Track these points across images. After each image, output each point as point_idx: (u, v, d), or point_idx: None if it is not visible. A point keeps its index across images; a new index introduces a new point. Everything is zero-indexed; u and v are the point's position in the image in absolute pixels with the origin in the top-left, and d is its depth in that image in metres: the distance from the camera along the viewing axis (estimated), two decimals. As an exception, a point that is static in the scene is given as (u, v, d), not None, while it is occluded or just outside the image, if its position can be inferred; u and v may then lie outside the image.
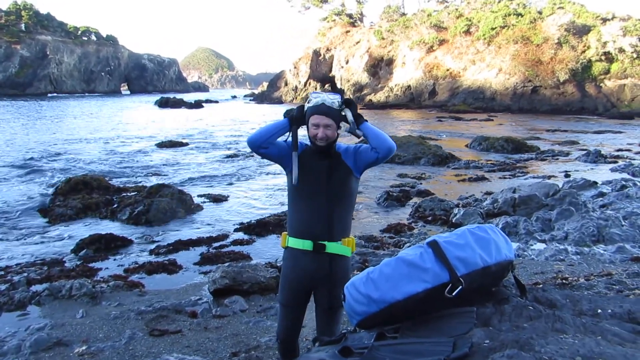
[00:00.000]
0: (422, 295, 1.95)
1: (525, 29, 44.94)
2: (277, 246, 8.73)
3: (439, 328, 1.95)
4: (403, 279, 1.99)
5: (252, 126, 31.57)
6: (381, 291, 2.02)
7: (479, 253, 2.01)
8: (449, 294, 1.91)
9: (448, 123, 33.22)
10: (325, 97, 2.70)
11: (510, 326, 1.88)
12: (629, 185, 11.90)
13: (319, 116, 2.66)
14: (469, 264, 1.97)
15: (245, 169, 16.49)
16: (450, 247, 2.01)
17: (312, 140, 2.74)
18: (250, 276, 6.15)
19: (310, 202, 2.75)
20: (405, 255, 2.07)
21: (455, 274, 1.92)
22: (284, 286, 2.87)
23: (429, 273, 1.95)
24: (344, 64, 58.30)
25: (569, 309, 2.03)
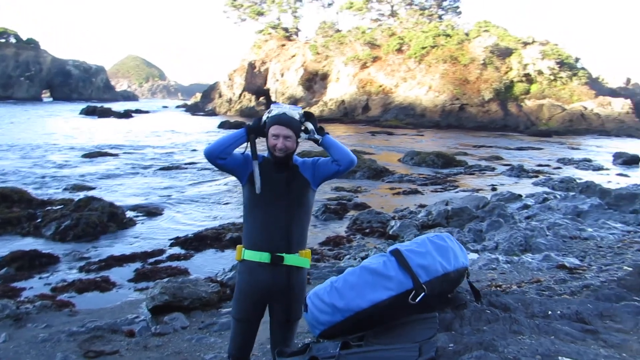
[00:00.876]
0: (386, 302, 1.98)
1: (454, 49, 47.04)
2: (217, 260, 8.57)
3: (403, 334, 1.99)
4: (367, 287, 2.02)
5: (186, 138, 30.92)
6: (346, 300, 2.03)
7: (439, 260, 2.07)
8: (412, 301, 1.95)
9: (381, 138, 34.00)
10: (287, 109, 2.71)
11: (471, 330, 1.94)
12: (550, 197, 12.67)
13: (279, 127, 2.65)
14: (430, 271, 2.02)
15: (179, 182, 16.10)
16: (412, 255, 2.06)
17: (271, 150, 2.72)
18: (191, 291, 5.98)
19: (268, 213, 2.71)
20: (368, 264, 2.10)
21: (418, 281, 1.97)
22: (239, 300, 2.80)
23: (393, 281, 1.99)
24: (279, 77, 58.44)
25: (522, 312, 2.12)
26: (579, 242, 8.32)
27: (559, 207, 11.19)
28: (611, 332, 1.92)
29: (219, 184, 15.84)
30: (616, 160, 22.57)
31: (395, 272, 2.00)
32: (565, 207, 10.99)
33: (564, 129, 40.92)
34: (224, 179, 16.62)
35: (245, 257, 2.74)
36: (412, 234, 9.47)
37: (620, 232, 8.87)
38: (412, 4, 60.16)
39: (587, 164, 21.47)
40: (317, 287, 2.26)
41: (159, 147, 25.32)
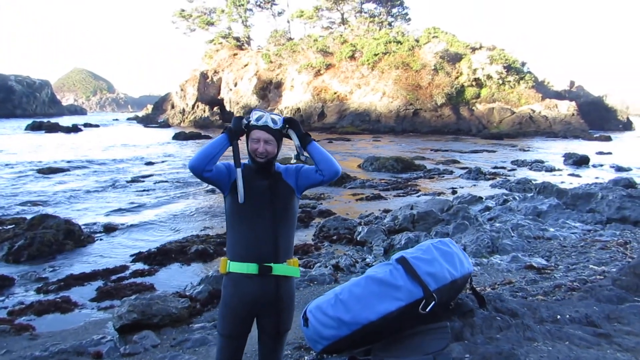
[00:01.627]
0: (396, 313, 1.90)
1: (405, 55, 47.89)
2: (183, 274, 8.30)
3: (413, 346, 1.91)
4: (375, 298, 1.93)
5: (140, 151, 30.09)
6: (353, 313, 1.94)
7: (446, 267, 2.01)
8: (423, 310, 1.87)
9: (338, 144, 34.14)
10: (267, 114, 2.64)
11: (484, 338, 1.88)
12: (510, 199, 12.97)
13: (259, 131, 2.59)
14: (438, 279, 1.96)
15: (136, 196, 15.61)
16: (419, 262, 1.98)
17: (252, 155, 2.63)
18: (161, 308, 5.75)
19: (254, 223, 2.59)
20: (374, 274, 2.01)
21: (428, 290, 1.90)
22: (225, 315, 2.65)
23: (402, 290, 1.91)
24: (232, 87, 57.99)
25: (530, 317, 2.08)
26: (543, 242, 8.52)
27: (519, 208, 11.45)
28: (623, 335, 1.90)
29: (179, 196, 15.46)
30: (567, 160, 23.39)
31: (403, 282, 1.92)
32: (525, 207, 11.25)
33: (514, 132, 42.24)
34: (181, 191, 16.24)
35: (230, 270, 2.61)
36: (380, 240, 9.47)
37: (581, 231, 9.14)
38: (362, 12, 61.02)
39: (540, 165, 22.15)
40: (318, 299, 2.15)
41: (112, 161, 24.50)
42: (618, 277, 2.72)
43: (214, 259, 9.05)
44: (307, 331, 2.13)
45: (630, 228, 9.22)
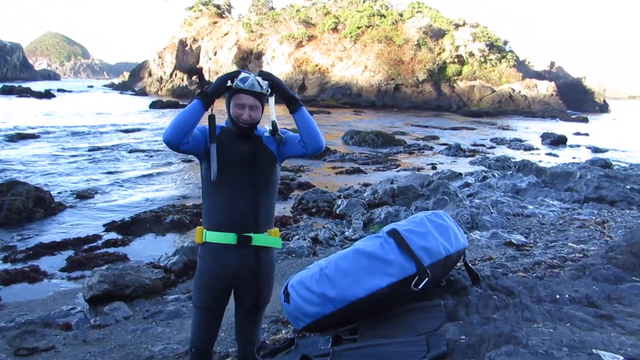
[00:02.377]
0: (386, 290, 1.75)
1: (388, 29, 47.39)
2: (157, 245, 8.10)
3: (403, 325, 1.76)
4: (364, 273, 1.78)
5: (116, 118, 29.33)
6: (339, 288, 1.78)
7: (441, 242, 1.86)
8: (416, 287, 1.73)
9: (319, 117, 33.83)
10: (254, 76, 2.42)
11: (480, 319, 1.75)
12: (489, 176, 12.97)
13: (245, 95, 2.38)
14: (432, 254, 1.81)
15: (110, 162, 15.22)
16: (412, 236, 1.83)
17: (233, 120, 2.43)
18: (133, 279, 5.56)
19: (233, 190, 2.42)
20: (363, 247, 1.85)
21: (422, 265, 1.75)
22: (201, 287, 2.48)
23: (394, 265, 1.76)
24: (212, 56, 56.85)
25: (527, 296, 1.96)
26: (522, 219, 8.52)
27: (498, 185, 11.45)
28: (626, 318, 1.79)
29: (154, 165, 15.12)
30: (545, 140, 23.57)
31: (395, 256, 1.77)
32: (504, 185, 11.26)
33: (493, 110, 42.41)
34: (157, 160, 15.88)
35: (207, 240, 2.45)
36: (359, 213, 9.37)
37: (559, 210, 9.17)
38: (347, -17, 59.98)
39: (519, 143, 22.28)
40: (301, 273, 1.99)
41: (86, 128, 23.83)
42: (614, 255, 2.62)
43: (189, 229, 8.85)
44: (288, 307, 1.97)
45: (607, 207, 9.29)
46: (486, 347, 1.52)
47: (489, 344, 1.52)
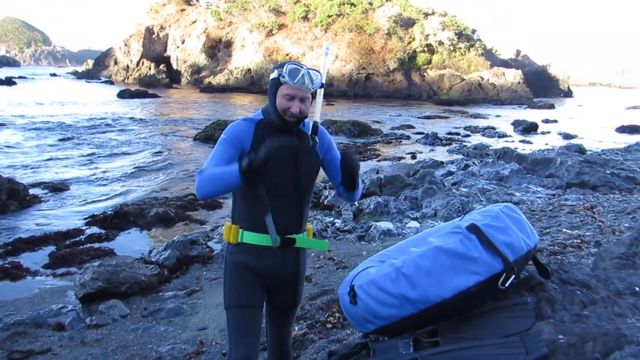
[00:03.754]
0: (473, 289, 1.64)
1: (359, 18, 47.26)
2: (144, 239, 7.86)
3: (488, 326, 1.66)
4: (447, 272, 1.66)
5: (84, 108, 28.39)
6: (421, 289, 1.66)
7: (521, 236, 1.76)
8: (503, 286, 1.63)
9: (292, 107, 33.56)
10: (305, 70, 2.16)
11: (570, 316, 1.66)
12: (470, 164, 13.07)
13: (296, 87, 2.12)
14: (515, 250, 1.71)
15: (84, 153, 14.71)
16: (492, 231, 1.72)
17: (279, 112, 2.18)
18: (128, 275, 5.33)
19: (276, 190, 2.21)
20: (443, 244, 1.73)
21: (509, 262, 1.65)
22: (238, 285, 2.29)
23: (479, 263, 1.65)
24: (179, 44, 55.66)
25: (604, 290, 1.88)
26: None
27: (481, 172, 11.53)
28: None
29: (131, 155, 14.70)
30: (517, 127, 23.91)
31: (479, 253, 1.66)
32: (487, 172, 11.34)
33: (463, 98, 42.86)
34: (131, 151, 15.44)
35: (245, 240, 2.25)
36: (347, 204, 9.27)
37: (546, 196, 9.27)
38: (316, -28, 59.50)
39: (492, 131, 22.54)
40: (371, 273, 1.86)
41: (53, 117, 23.00)
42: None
43: (175, 222, 8.63)
44: (355, 309, 1.84)
45: (590, 192, 9.44)
46: (592, 347, 1.42)
47: (595, 344, 1.43)
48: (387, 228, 7.57)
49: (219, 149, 2.19)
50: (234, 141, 2.19)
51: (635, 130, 23.83)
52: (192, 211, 9.28)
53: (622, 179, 9.84)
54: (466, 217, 1.92)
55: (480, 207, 7.78)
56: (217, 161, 2.16)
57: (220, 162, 2.14)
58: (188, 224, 8.58)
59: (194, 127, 20.50)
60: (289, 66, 2.13)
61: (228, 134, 2.21)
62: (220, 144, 2.19)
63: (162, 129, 20.52)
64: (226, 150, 2.18)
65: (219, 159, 2.16)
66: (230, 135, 2.19)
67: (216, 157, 2.17)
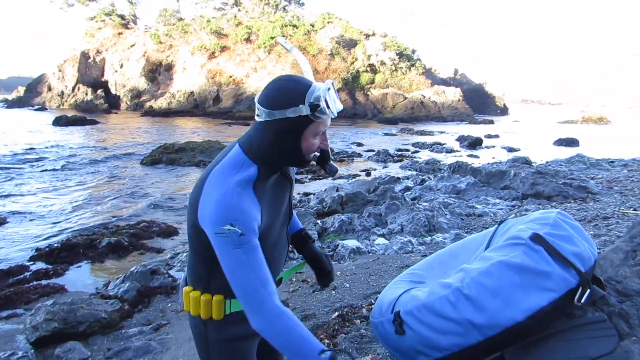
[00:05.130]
0: (548, 308, 1.43)
1: (302, 39, 47.61)
2: (97, 272, 7.27)
3: (565, 349, 1.45)
4: (517, 290, 1.44)
5: (18, 136, 26.84)
6: (490, 312, 1.43)
7: (586, 246, 1.57)
8: (579, 302, 1.43)
9: (237, 129, 33.15)
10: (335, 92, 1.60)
11: (651, 333, 1.48)
12: (426, 179, 13.13)
13: (327, 121, 1.57)
14: (585, 260, 1.52)
15: (21, 183, 13.75)
16: (558, 240, 1.52)
17: (302, 154, 1.58)
18: (87, 313, 4.83)
19: (274, 249, 1.76)
20: (507, 259, 1.51)
21: (584, 275, 1.45)
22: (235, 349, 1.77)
23: (553, 278, 1.44)
24: (118, 68, 54.16)
25: (666, 300, 1.72)
26: (475, 219, 8.58)
27: (438, 187, 11.58)
28: None
29: (68, 184, 13.86)
30: (462, 142, 24.51)
31: (551, 266, 1.45)
32: (444, 186, 11.40)
33: (407, 116, 43.79)
34: (72, 179, 14.60)
35: (233, 310, 1.69)
36: (311, 223, 9.01)
37: (506, 207, 9.36)
38: (256, -5, 59.76)
39: (440, 147, 22.99)
40: (416, 297, 1.61)
41: (-16, 147, 21.58)
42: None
43: (129, 252, 8.07)
44: (403, 340, 1.57)
45: (546, 202, 9.62)
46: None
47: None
48: (356, 246, 7.34)
49: (248, 254, 1.48)
50: (251, 226, 1.50)
51: (572, 142, 24.92)
52: (146, 239, 8.74)
53: (575, 189, 10.10)
54: (513, 226, 1.72)
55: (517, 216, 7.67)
56: (265, 275, 1.51)
57: (268, 275, 1.52)
58: (144, 253, 8.05)
59: (140, 152, 19.76)
60: (325, 95, 1.49)
61: (243, 225, 1.47)
62: (244, 246, 1.47)
63: (106, 154, 19.62)
64: (255, 249, 1.50)
65: (262, 271, 1.51)
66: (246, 225, 1.48)
67: (257, 270, 1.49)
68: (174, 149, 17.43)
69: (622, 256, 3.45)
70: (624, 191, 9.74)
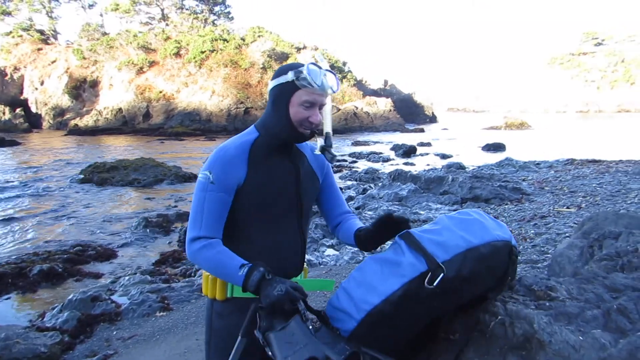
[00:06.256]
0: (400, 292, 1.53)
1: (233, 53, 47.24)
2: (30, 303, 6.74)
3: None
4: (377, 279, 1.59)
5: None
6: (355, 299, 1.60)
7: (460, 234, 1.66)
8: (430, 285, 1.51)
9: (170, 144, 32.30)
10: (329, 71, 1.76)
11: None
12: (368, 187, 13.27)
13: (318, 91, 1.71)
14: (449, 247, 1.59)
15: None
16: (425, 234, 1.65)
17: (294, 124, 1.74)
18: (24, 349, 4.44)
19: (276, 226, 1.80)
20: (376, 255, 1.68)
21: (433, 260, 1.54)
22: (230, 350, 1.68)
23: (404, 265, 1.56)
24: (38, 86, 51.46)
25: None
26: (420, 224, 8.70)
27: (380, 195, 11.72)
28: None
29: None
30: (397, 151, 25.03)
31: (404, 256, 1.59)
32: (386, 194, 11.55)
33: (341, 127, 44.28)
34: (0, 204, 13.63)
35: (236, 295, 1.77)
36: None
37: (448, 211, 9.58)
38: (183, 9, 58.86)
39: (377, 156, 23.36)
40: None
41: None
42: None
43: (65, 279, 7.57)
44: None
45: (484, 205, 9.95)
46: None
47: None
48: (307, 259, 7.26)
49: (208, 198, 1.68)
50: (224, 181, 1.69)
51: (499, 147, 26.07)
52: (82, 264, 8.25)
53: (510, 191, 10.51)
54: None
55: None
56: (209, 219, 1.69)
57: (212, 220, 1.69)
58: (80, 280, 7.56)
59: (67, 172, 18.73)
60: (310, 66, 1.71)
61: (215, 172, 1.69)
62: (206, 190, 1.68)
63: (32, 177, 18.47)
64: (217, 200, 1.69)
65: (210, 215, 1.69)
66: (219, 175, 1.68)
67: (206, 211, 1.69)
68: (105, 168, 16.67)
69: (577, 252, 3.56)
70: (554, 191, 10.25)
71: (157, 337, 4.97)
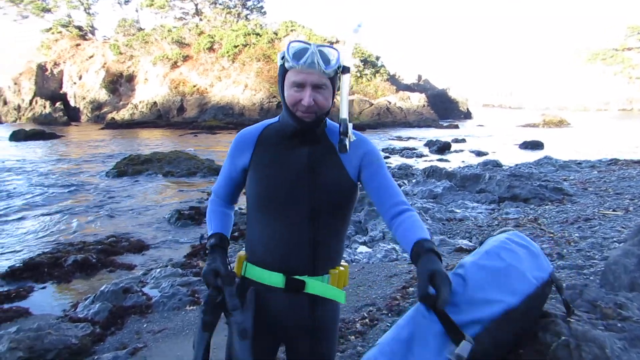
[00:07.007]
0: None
1: (265, 48, 47.35)
2: (65, 293, 6.80)
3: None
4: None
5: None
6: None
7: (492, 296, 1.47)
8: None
9: (205, 139, 32.56)
10: (314, 46, 1.65)
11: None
12: (401, 183, 13.01)
13: (304, 70, 1.62)
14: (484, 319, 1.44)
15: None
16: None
17: (291, 110, 1.67)
18: (55, 340, 4.42)
19: (281, 215, 1.69)
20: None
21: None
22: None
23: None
24: (77, 80, 52.70)
25: None
26: (456, 223, 8.45)
27: (414, 191, 11.47)
28: None
29: (34, 200, 13.18)
30: (431, 148, 24.62)
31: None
32: (421, 191, 11.29)
33: (374, 122, 43.92)
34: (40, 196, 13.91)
35: (247, 275, 1.76)
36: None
37: (485, 211, 9.28)
38: (217, 3, 59.21)
39: (410, 152, 23.00)
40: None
41: None
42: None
43: (98, 270, 7.62)
44: None
45: (523, 205, 9.58)
46: None
47: None
48: (339, 256, 7.11)
49: (224, 165, 1.91)
50: (233, 159, 1.85)
51: (537, 145, 25.35)
52: (115, 255, 8.29)
53: (551, 191, 10.11)
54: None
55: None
56: (221, 180, 1.93)
57: (223, 181, 1.92)
58: (114, 270, 7.60)
59: (104, 165, 19.05)
60: (292, 44, 1.68)
61: (231, 148, 1.86)
62: (227, 157, 1.89)
63: (69, 168, 18.84)
64: (228, 167, 1.88)
65: (222, 176, 1.93)
66: (233, 152, 1.85)
67: (221, 176, 1.94)
68: (140, 161, 16.86)
69: (634, 261, 3.28)
70: (598, 192, 9.81)
71: (186, 331, 4.90)
